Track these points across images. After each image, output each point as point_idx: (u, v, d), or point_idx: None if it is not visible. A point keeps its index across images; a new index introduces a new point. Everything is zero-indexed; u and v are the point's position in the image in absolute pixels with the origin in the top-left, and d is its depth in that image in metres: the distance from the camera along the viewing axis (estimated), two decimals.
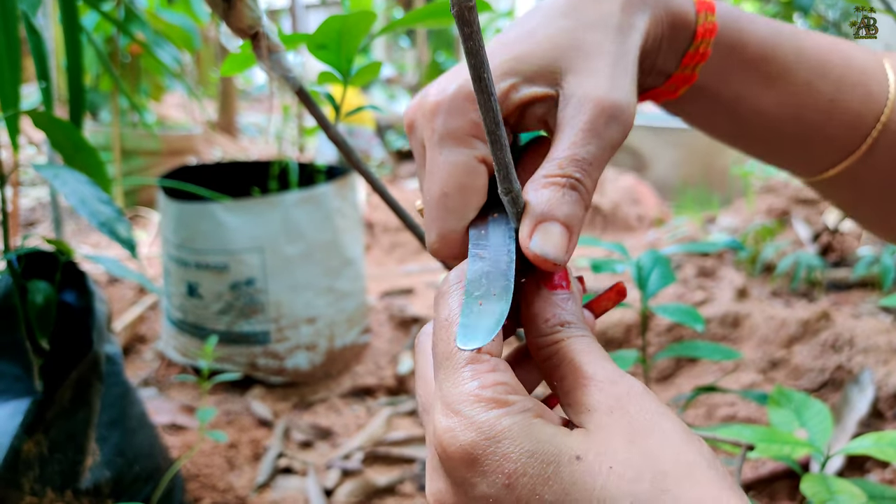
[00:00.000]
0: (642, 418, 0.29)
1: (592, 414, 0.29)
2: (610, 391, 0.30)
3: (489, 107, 0.31)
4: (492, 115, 0.31)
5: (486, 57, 0.30)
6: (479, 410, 0.28)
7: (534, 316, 0.34)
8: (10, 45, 0.89)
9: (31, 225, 2.89)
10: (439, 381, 0.30)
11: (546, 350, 0.33)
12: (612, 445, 0.28)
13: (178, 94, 5.99)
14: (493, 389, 0.29)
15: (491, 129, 0.32)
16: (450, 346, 0.30)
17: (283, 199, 1.52)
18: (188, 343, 1.60)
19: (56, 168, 0.89)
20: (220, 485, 1.25)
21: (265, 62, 0.49)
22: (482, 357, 0.30)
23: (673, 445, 0.28)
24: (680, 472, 0.27)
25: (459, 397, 0.29)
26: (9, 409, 0.89)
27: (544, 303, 0.34)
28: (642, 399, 0.30)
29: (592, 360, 0.31)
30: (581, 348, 0.32)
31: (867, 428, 1.20)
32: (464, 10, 0.29)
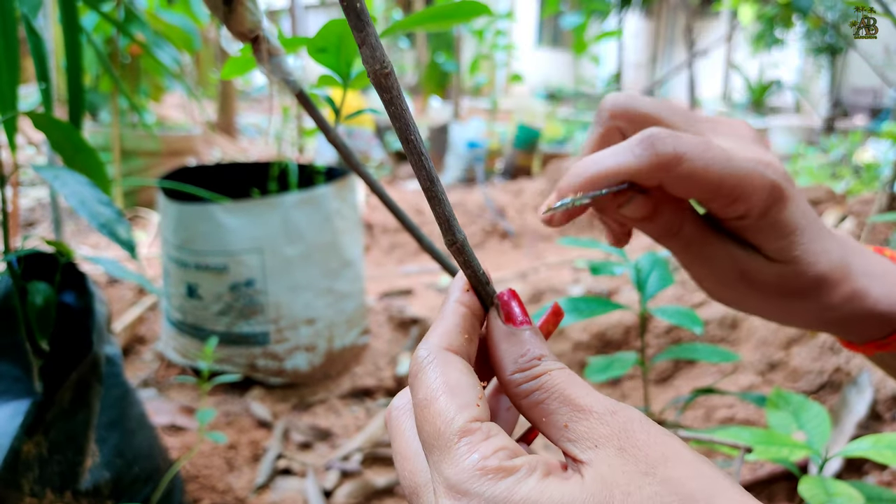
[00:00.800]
0: (652, 446, 0.28)
1: (601, 450, 0.28)
2: (613, 423, 0.29)
3: (421, 165, 0.31)
4: (425, 174, 0.31)
5: (411, 119, 0.30)
6: (488, 485, 0.27)
7: (505, 353, 0.33)
8: (8, 46, 0.89)
9: (30, 225, 2.89)
10: (435, 464, 0.29)
11: (526, 386, 0.32)
12: (634, 482, 0.27)
13: (178, 95, 5.99)
14: (496, 457, 0.28)
15: (426, 187, 0.32)
16: (436, 426, 0.29)
17: (283, 200, 1.52)
18: (188, 344, 1.60)
19: (56, 169, 0.89)
20: (220, 486, 1.25)
21: (265, 66, 0.49)
22: (473, 426, 0.29)
23: (688, 466, 0.28)
24: (705, 492, 0.27)
25: (463, 475, 0.28)
26: (8, 410, 0.89)
27: (514, 339, 0.33)
28: (645, 425, 0.29)
29: (582, 391, 0.31)
30: (566, 380, 0.31)
31: (865, 430, 1.20)
32: (380, 77, 0.29)
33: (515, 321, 0.34)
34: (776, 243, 0.41)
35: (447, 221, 0.33)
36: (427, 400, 0.30)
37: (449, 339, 0.33)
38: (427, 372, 0.31)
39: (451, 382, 0.31)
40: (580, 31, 4.77)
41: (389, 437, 0.34)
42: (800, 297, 0.43)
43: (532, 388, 0.31)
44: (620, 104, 0.41)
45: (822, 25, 2.63)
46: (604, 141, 0.42)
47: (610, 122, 0.42)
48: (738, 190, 0.39)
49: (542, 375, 0.32)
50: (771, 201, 0.40)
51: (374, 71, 0.29)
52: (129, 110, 3.22)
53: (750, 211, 0.40)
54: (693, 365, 1.57)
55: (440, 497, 0.28)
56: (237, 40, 0.49)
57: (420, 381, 0.31)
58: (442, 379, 0.31)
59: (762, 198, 0.39)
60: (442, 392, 0.30)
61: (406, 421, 0.33)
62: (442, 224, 0.33)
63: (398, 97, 0.30)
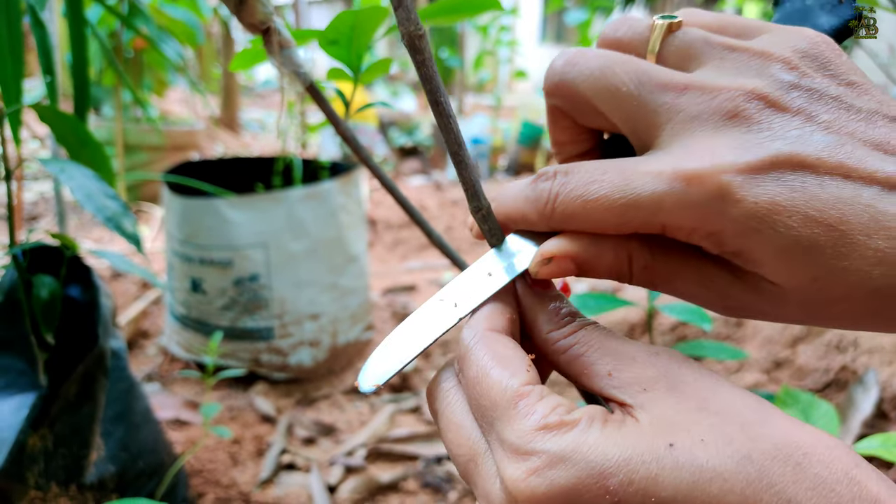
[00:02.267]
0: (699, 381, 0.29)
1: (651, 392, 0.29)
2: (658, 364, 0.29)
3: (449, 129, 0.31)
4: (453, 137, 0.31)
5: (440, 82, 0.30)
6: (553, 439, 0.27)
7: (540, 312, 0.34)
8: (12, 38, 0.89)
9: (33, 219, 2.89)
10: (497, 434, 0.29)
11: (564, 342, 0.32)
12: (691, 418, 0.27)
13: (180, 90, 5.99)
14: (555, 413, 0.28)
15: (454, 150, 0.32)
16: (492, 397, 0.29)
17: (288, 195, 1.52)
18: (191, 338, 1.60)
19: (62, 163, 0.89)
20: (224, 480, 1.25)
21: (276, 58, 0.49)
22: (526, 390, 0.29)
23: (736, 396, 0.28)
24: (758, 416, 0.27)
25: (524, 436, 0.28)
26: (14, 403, 0.89)
27: (544, 299, 0.34)
28: (688, 364, 0.30)
29: (621, 341, 0.31)
30: (604, 332, 0.32)
31: (871, 429, 1.19)
32: (414, 39, 0.29)
33: (542, 283, 0.34)
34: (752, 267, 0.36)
35: (473, 187, 0.33)
36: (479, 376, 0.31)
37: (489, 321, 0.33)
38: (474, 351, 0.32)
39: (499, 355, 0.31)
40: (584, 27, 4.76)
41: (435, 409, 0.34)
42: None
43: (571, 342, 0.32)
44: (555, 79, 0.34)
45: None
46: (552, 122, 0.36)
47: (549, 102, 0.35)
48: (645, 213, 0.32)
49: (579, 330, 0.32)
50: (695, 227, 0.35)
51: (409, 32, 0.29)
52: (133, 105, 3.22)
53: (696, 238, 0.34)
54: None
55: (506, 466, 0.28)
56: (248, 32, 0.49)
57: (469, 361, 0.32)
58: (490, 354, 0.31)
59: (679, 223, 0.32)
60: (493, 365, 0.30)
61: (456, 394, 0.33)
62: (468, 189, 0.33)
63: (430, 59, 0.30)
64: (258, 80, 10.38)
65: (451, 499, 1.24)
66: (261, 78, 10.43)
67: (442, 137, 1.81)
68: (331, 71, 0.54)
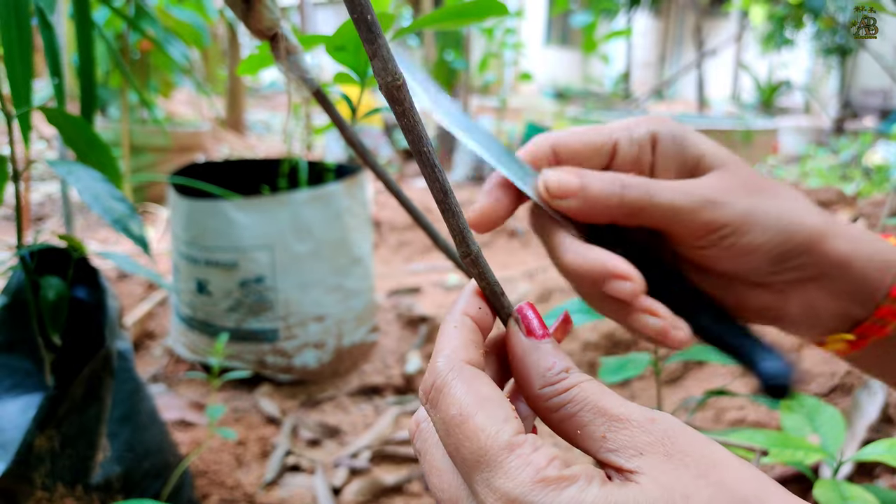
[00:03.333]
0: (697, 451, 0.28)
1: (647, 457, 0.28)
2: (654, 430, 0.29)
3: (434, 178, 0.31)
4: (438, 186, 0.31)
5: (423, 131, 0.30)
6: (553, 495, 0.27)
7: (532, 367, 0.33)
8: (22, 40, 0.90)
9: (39, 220, 2.90)
10: (484, 482, 0.28)
11: (557, 399, 0.31)
12: (690, 485, 0.27)
13: (186, 91, 6.00)
14: (552, 467, 0.27)
15: (440, 199, 0.32)
16: (479, 442, 0.28)
17: (293, 197, 1.52)
18: (197, 340, 1.61)
19: (70, 164, 0.89)
20: (229, 482, 1.25)
21: (283, 63, 0.49)
22: (519, 439, 0.28)
23: (737, 470, 0.28)
24: (757, 496, 0.27)
25: (523, 488, 0.27)
26: (20, 403, 0.90)
27: (538, 353, 0.33)
28: (686, 431, 0.29)
29: (616, 401, 0.30)
30: (598, 391, 0.31)
31: (877, 433, 1.19)
32: (392, 90, 0.29)
33: (537, 334, 0.33)
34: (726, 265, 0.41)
35: (461, 234, 0.33)
36: (462, 416, 0.29)
37: (466, 352, 0.32)
38: (453, 387, 0.30)
39: (484, 396, 0.30)
40: (590, 29, 4.76)
41: (417, 450, 0.33)
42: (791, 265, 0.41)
43: (563, 401, 0.31)
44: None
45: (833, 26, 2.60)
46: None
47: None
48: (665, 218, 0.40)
49: (572, 388, 0.31)
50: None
51: (387, 83, 0.29)
52: (139, 106, 3.23)
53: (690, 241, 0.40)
54: (702, 366, 1.56)
55: None
56: (255, 38, 0.49)
57: (448, 397, 0.30)
58: (472, 393, 0.30)
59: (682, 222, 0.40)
60: (477, 407, 0.29)
61: (435, 435, 0.32)
62: (456, 237, 0.33)
63: (410, 109, 0.30)
64: (264, 82, 10.40)
65: None
66: (266, 80, 10.45)
67: (447, 139, 1.83)
68: (337, 76, 0.54)
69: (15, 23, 0.89)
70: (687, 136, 0.41)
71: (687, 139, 0.41)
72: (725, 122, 3.88)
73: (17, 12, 0.89)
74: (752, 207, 0.39)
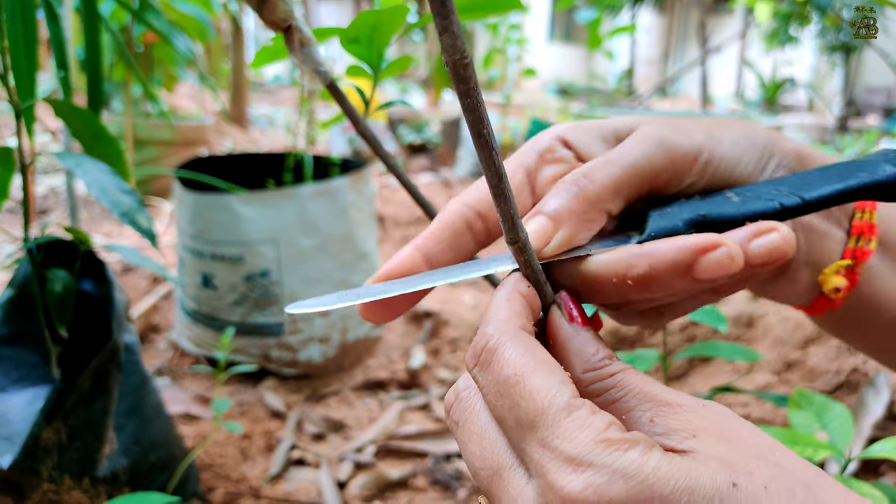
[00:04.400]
0: (752, 436, 0.28)
1: (702, 438, 0.28)
2: (707, 415, 0.29)
3: (491, 161, 0.30)
4: (494, 170, 0.31)
5: (485, 112, 0.29)
6: (616, 455, 0.26)
7: (574, 351, 0.32)
8: (27, 33, 0.89)
9: (43, 213, 2.90)
10: (540, 441, 0.28)
11: (600, 384, 0.31)
12: (751, 463, 0.27)
13: (189, 85, 6.00)
14: (613, 430, 0.27)
15: (493, 183, 0.31)
16: (537, 402, 0.28)
17: (299, 191, 1.52)
18: (202, 333, 1.61)
19: (77, 157, 0.89)
20: (234, 475, 1.25)
21: (297, 55, 0.49)
22: (578, 402, 0.28)
23: (793, 456, 0.28)
24: (817, 481, 0.27)
25: (585, 448, 0.26)
26: (27, 396, 0.90)
27: (581, 338, 0.33)
28: (738, 419, 0.29)
29: (662, 388, 0.30)
30: (642, 378, 0.31)
31: (883, 431, 1.19)
32: (459, 68, 0.28)
33: (578, 321, 0.33)
34: None
35: (511, 219, 0.32)
36: (518, 376, 0.29)
37: (521, 320, 0.32)
38: (508, 348, 0.30)
39: (541, 359, 0.30)
40: (594, 26, 4.75)
41: (455, 420, 0.33)
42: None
43: (607, 385, 0.31)
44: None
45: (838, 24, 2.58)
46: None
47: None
48: None
49: (617, 374, 0.31)
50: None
51: (454, 60, 0.28)
52: (142, 99, 3.23)
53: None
54: (707, 362, 1.56)
55: (558, 476, 0.27)
56: (269, 29, 0.49)
57: (502, 358, 0.30)
58: (529, 354, 0.30)
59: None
60: (533, 369, 0.29)
61: (478, 402, 0.32)
62: (506, 221, 0.33)
63: (475, 89, 0.29)
64: (267, 76, 10.40)
65: (461, 496, 1.24)
66: (270, 74, 10.44)
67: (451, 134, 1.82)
68: (350, 68, 0.54)
69: (21, 15, 0.89)
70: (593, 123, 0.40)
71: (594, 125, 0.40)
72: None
73: (22, 4, 0.89)
74: (707, 131, 0.38)
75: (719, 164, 0.37)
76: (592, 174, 0.36)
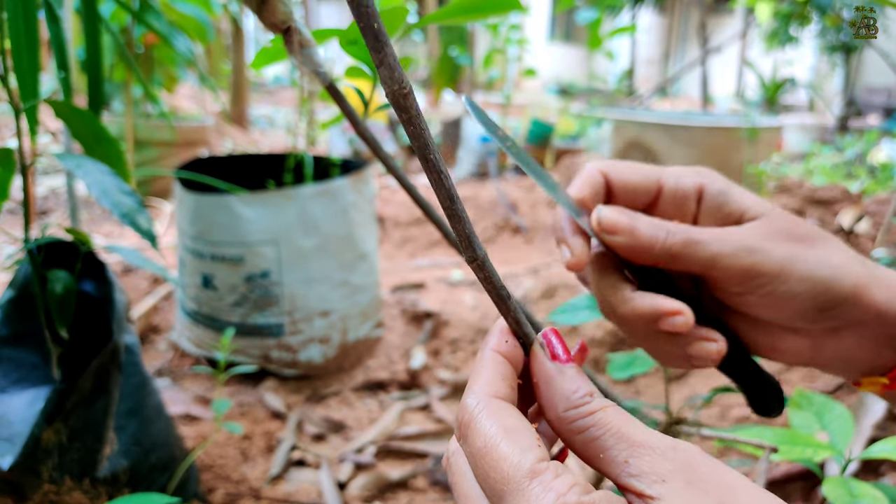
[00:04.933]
0: (717, 479, 0.29)
1: (669, 484, 0.29)
2: (676, 458, 0.30)
3: (441, 184, 0.31)
4: (444, 192, 0.32)
5: (430, 138, 0.30)
6: None
7: (556, 390, 0.34)
8: (28, 33, 0.89)
9: (43, 214, 2.90)
10: None
11: (581, 423, 0.32)
12: None
13: (189, 86, 6.00)
14: (573, 493, 0.28)
15: (447, 206, 0.32)
16: (503, 471, 0.30)
17: (299, 192, 1.52)
18: (202, 334, 1.61)
19: (78, 158, 0.89)
20: (234, 476, 1.25)
21: (296, 57, 0.49)
22: (540, 467, 0.29)
23: (754, 496, 0.28)
24: None
25: None
26: (27, 396, 0.90)
27: (562, 376, 0.34)
28: (706, 459, 0.30)
29: (639, 428, 0.31)
30: (621, 417, 0.32)
31: (883, 431, 1.19)
32: (398, 98, 0.29)
33: (561, 359, 0.34)
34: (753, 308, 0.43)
35: (468, 238, 0.33)
36: (487, 447, 0.31)
37: (494, 387, 0.34)
38: (480, 419, 0.32)
39: (507, 427, 0.31)
40: (595, 26, 4.75)
41: (450, 481, 0.35)
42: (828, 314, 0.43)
43: (587, 424, 0.32)
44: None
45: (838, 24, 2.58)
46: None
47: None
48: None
49: (597, 412, 0.32)
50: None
51: (393, 91, 0.29)
52: (142, 100, 3.23)
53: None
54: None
55: None
56: (269, 31, 0.49)
57: (475, 430, 0.32)
58: (498, 425, 0.31)
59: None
60: (501, 437, 0.31)
61: (464, 465, 0.34)
62: (462, 241, 0.34)
63: (417, 117, 0.30)
64: (267, 77, 10.39)
65: None
66: (270, 75, 10.44)
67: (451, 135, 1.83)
68: (349, 69, 0.54)
69: (22, 16, 0.89)
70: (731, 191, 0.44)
71: (731, 194, 0.44)
72: (729, 119, 3.88)
73: (24, 5, 0.89)
74: (791, 256, 0.41)
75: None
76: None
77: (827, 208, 2.55)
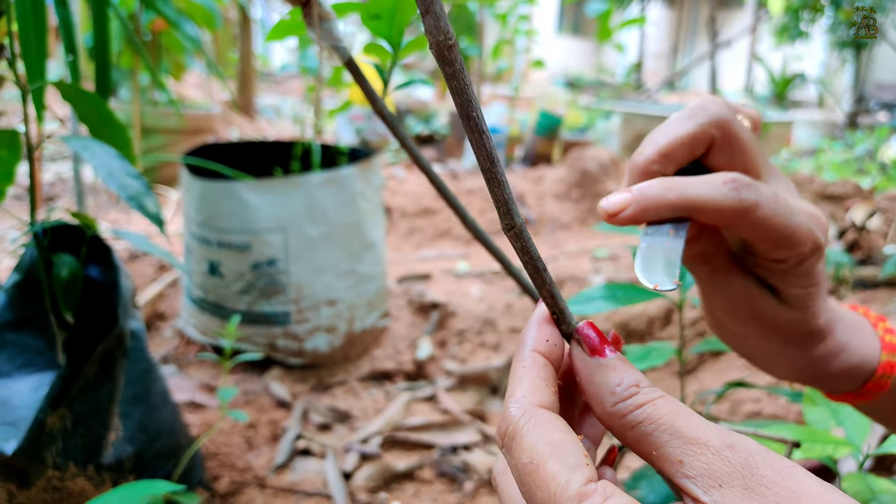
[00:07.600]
0: (779, 482, 0.27)
1: (726, 490, 0.27)
2: (734, 459, 0.28)
3: (482, 145, 0.29)
4: (485, 153, 0.30)
5: (473, 95, 0.28)
6: None
7: (600, 384, 0.32)
8: (37, 16, 0.88)
9: (50, 200, 2.89)
10: None
11: (630, 417, 0.30)
12: None
13: (196, 74, 5.99)
14: None
15: (486, 167, 0.30)
16: (550, 491, 0.28)
17: (307, 179, 1.51)
18: (208, 322, 1.60)
19: (84, 140, 0.88)
20: (239, 464, 1.24)
21: (315, 31, 0.47)
22: (589, 489, 0.28)
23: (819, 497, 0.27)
24: None
25: None
26: (32, 381, 0.89)
27: (605, 370, 0.32)
28: (766, 458, 0.28)
29: (692, 422, 0.29)
30: (672, 409, 0.30)
31: None
32: (443, 49, 0.27)
33: (601, 352, 0.33)
34: (799, 291, 0.44)
35: (506, 205, 0.31)
36: (534, 464, 0.29)
37: (539, 395, 0.32)
38: (526, 434, 0.30)
39: (555, 443, 0.30)
40: (605, 18, 4.71)
41: (499, 496, 0.34)
42: (797, 345, 0.46)
43: (637, 419, 0.30)
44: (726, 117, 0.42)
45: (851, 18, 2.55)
46: (696, 141, 0.42)
47: (710, 128, 0.41)
48: (793, 240, 0.41)
49: (646, 405, 0.30)
50: (810, 254, 0.42)
51: (438, 42, 0.27)
52: (149, 87, 3.22)
53: (791, 258, 0.42)
54: (717, 357, 1.54)
55: None
56: (287, 3, 0.47)
57: (521, 445, 0.30)
58: (545, 440, 0.30)
59: (806, 249, 0.42)
60: (548, 455, 0.29)
61: (512, 485, 0.33)
62: (500, 207, 0.31)
63: (461, 71, 0.28)
64: (275, 66, 10.37)
65: (467, 489, 1.23)
66: (277, 63, 10.42)
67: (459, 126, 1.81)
68: (367, 46, 0.53)
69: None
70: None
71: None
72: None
73: None
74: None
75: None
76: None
77: (838, 204, 2.52)
